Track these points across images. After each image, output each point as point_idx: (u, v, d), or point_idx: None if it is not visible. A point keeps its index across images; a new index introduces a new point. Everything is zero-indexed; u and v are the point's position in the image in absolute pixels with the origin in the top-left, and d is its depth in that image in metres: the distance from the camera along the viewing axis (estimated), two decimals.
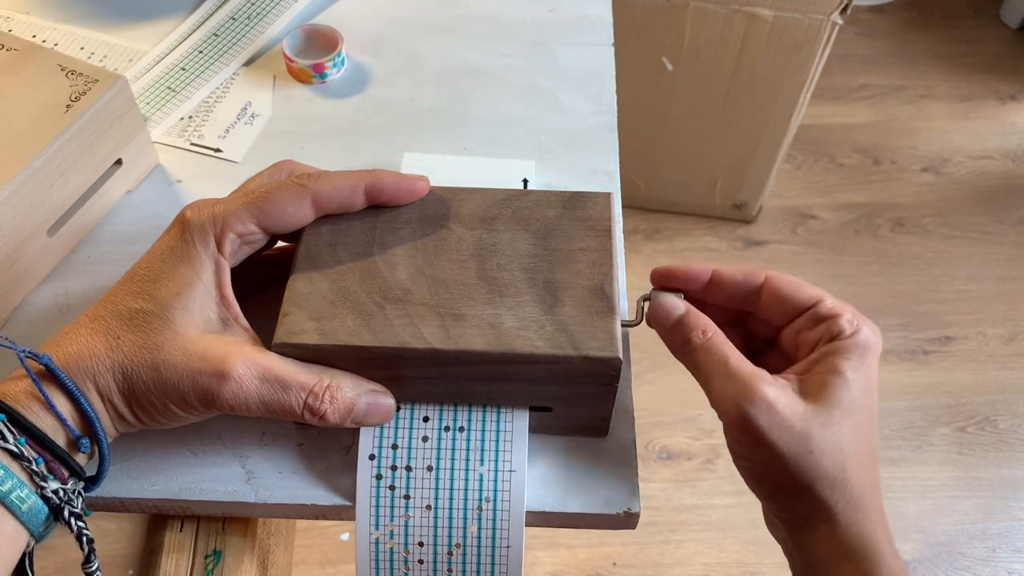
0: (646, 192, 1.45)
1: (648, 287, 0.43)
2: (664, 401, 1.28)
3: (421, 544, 0.40)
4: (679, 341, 0.40)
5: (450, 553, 0.40)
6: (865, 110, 1.66)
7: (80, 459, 0.36)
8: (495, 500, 0.40)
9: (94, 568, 0.36)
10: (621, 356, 0.37)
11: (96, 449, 0.37)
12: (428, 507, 0.40)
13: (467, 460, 0.40)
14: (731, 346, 0.39)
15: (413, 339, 0.38)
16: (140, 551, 0.46)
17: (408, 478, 0.40)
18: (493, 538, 0.40)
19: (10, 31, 0.60)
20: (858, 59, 1.74)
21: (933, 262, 1.45)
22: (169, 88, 0.58)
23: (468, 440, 0.40)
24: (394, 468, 0.40)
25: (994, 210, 1.52)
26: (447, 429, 0.41)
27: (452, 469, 0.40)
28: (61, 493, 0.35)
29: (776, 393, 0.37)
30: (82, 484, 0.36)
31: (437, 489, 0.40)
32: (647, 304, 0.42)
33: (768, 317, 0.42)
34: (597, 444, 0.43)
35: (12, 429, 0.34)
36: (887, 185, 1.55)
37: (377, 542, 0.40)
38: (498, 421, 0.41)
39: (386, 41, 0.62)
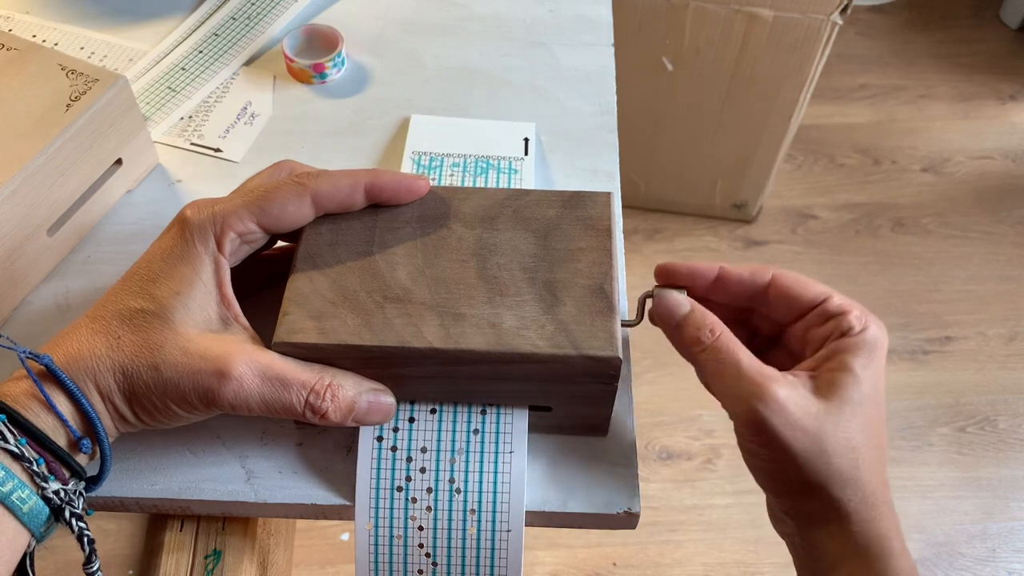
0: (646, 192, 1.45)
1: (650, 285, 0.43)
2: (664, 401, 1.28)
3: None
4: (687, 340, 0.40)
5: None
6: (865, 110, 1.66)
7: (81, 459, 0.36)
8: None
9: (95, 568, 0.36)
10: (621, 355, 0.37)
11: (97, 449, 0.37)
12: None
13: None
14: (740, 345, 0.39)
15: (413, 338, 0.38)
16: (140, 551, 0.46)
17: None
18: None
19: (10, 31, 0.60)
20: (858, 59, 1.74)
21: (933, 262, 1.45)
22: (169, 88, 0.58)
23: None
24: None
25: (994, 210, 1.52)
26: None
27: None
28: (62, 494, 0.35)
29: (788, 392, 0.37)
30: (83, 484, 0.36)
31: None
32: (650, 301, 0.42)
33: (774, 315, 0.42)
34: (597, 444, 0.43)
35: (13, 430, 0.34)
36: (887, 185, 1.55)
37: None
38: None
39: (386, 41, 0.62)
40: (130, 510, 0.42)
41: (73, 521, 0.35)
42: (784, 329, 0.43)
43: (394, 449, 0.40)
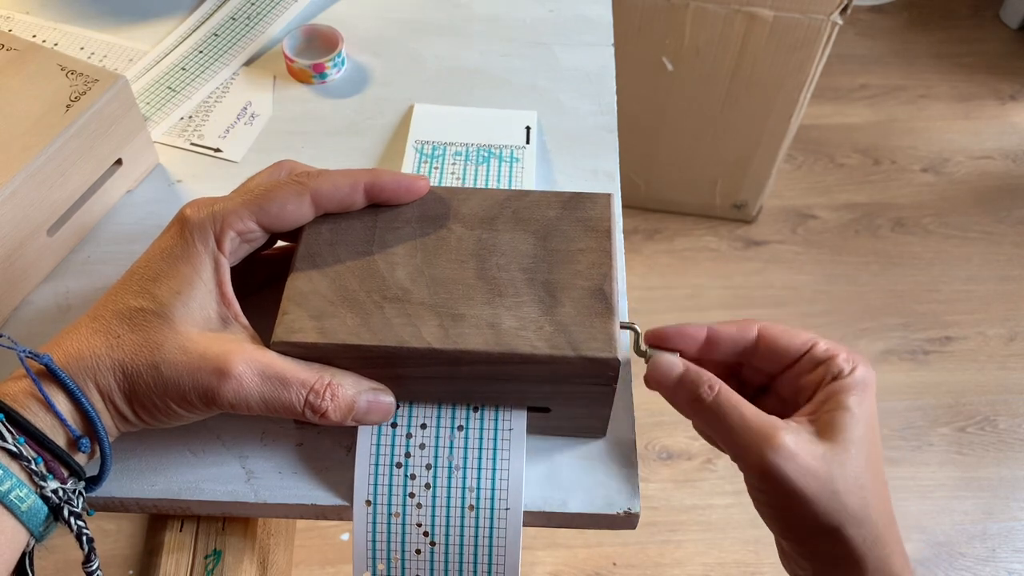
0: (646, 192, 1.45)
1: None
2: (664, 401, 1.28)
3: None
4: (686, 399, 0.40)
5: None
6: (865, 110, 1.66)
7: (80, 459, 0.36)
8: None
9: (94, 568, 0.36)
10: (619, 357, 0.37)
11: (97, 448, 0.37)
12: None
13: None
14: (740, 398, 0.39)
15: (412, 338, 0.38)
16: (140, 551, 0.46)
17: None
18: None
19: (10, 31, 0.60)
20: (858, 59, 1.74)
21: (933, 262, 1.45)
22: (169, 88, 0.58)
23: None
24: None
25: (994, 210, 1.52)
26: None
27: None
28: (60, 492, 0.35)
29: (795, 439, 0.38)
30: (82, 484, 0.36)
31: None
32: (645, 357, 0.42)
33: (763, 366, 0.43)
34: (597, 444, 0.43)
35: (11, 429, 0.34)
36: (887, 185, 1.55)
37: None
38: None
39: (386, 41, 0.62)
40: (130, 510, 0.42)
41: (72, 520, 0.35)
42: (773, 379, 0.43)
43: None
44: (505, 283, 0.40)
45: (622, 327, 0.40)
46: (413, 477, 0.40)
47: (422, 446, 0.40)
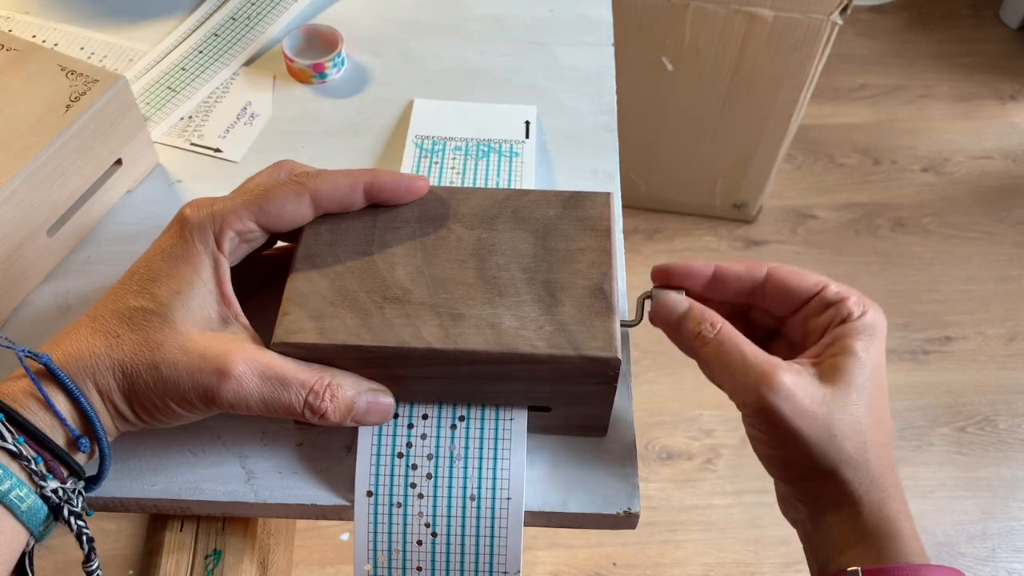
0: (646, 192, 1.45)
1: (649, 285, 0.43)
2: (664, 401, 1.28)
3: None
4: (688, 337, 0.40)
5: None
6: (865, 110, 1.66)
7: (80, 458, 0.36)
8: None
9: (94, 567, 0.36)
10: (620, 356, 0.37)
11: (96, 448, 0.37)
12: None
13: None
14: (742, 336, 0.39)
15: (412, 339, 0.38)
16: (140, 551, 0.46)
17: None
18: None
19: (10, 31, 0.60)
20: (858, 59, 1.74)
21: (933, 262, 1.45)
22: (169, 88, 0.58)
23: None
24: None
25: (994, 210, 1.52)
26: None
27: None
28: (60, 492, 0.35)
29: (795, 379, 0.37)
30: (82, 483, 0.36)
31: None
32: (648, 302, 0.42)
33: (772, 308, 0.42)
34: (597, 444, 0.43)
35: (11, 428, 0.34)
36: (887, 185, 1.55)
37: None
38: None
39: (386, 41, 0.62)
40: (130, 510, 0.42)
41: (72, 520, 0.35)
42: (782, 321, 0.43)
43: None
44: (505, 283, 0.40)
45: (623, 325, 0.40)
46: (415, 467, 0.40)
47: (424, 436, 0.40)
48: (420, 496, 0.40)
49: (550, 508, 0.41)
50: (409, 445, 0.40)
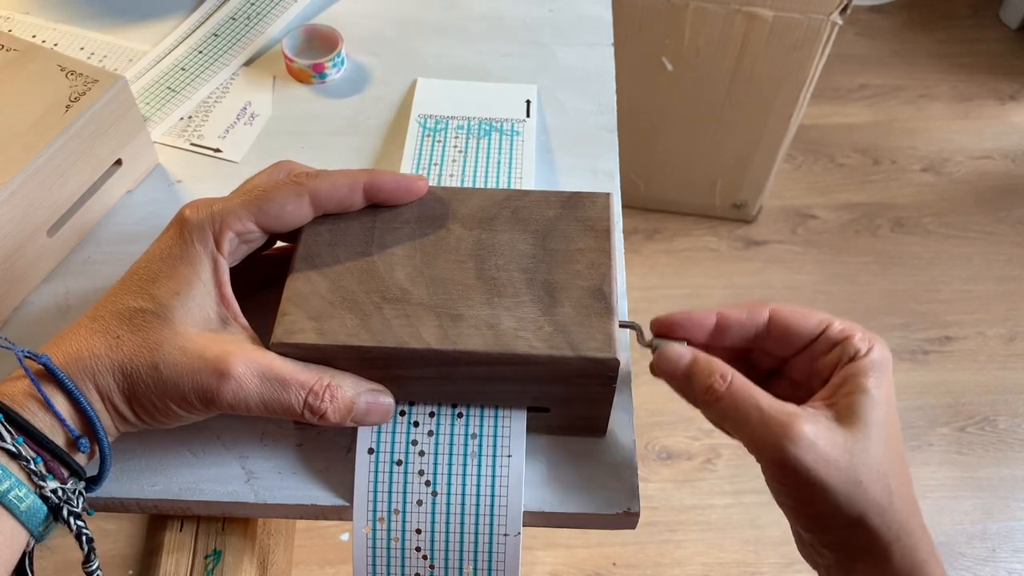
0: (646, 192, 1.45)
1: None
2: (664, 401, 1.27)
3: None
4: (698, 390, 0.39)
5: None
6: (865, 110, 1.66)
7: (80, 459, 0.36)
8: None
9: (94, 567, 0.36)
10: (619, 357, 0.37)
11: (96, 448, 0.37)
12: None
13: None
14: (754, 386, 0.38)
15: (411, 339, 0.38)
16: (140, 551, 0.46)
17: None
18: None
19: (10, 31, 0.60)
20: (858, 59, 1.74)
21: (933, 262, 1.45)
22: (169, 88, 0.58)
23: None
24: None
25: (994, 210, 1.52)
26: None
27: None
28: (60, 492, 0.35)
29: (815, 428, 0.36)
30: (82, 484, 0.36)
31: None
32: (652, 348, 0.41)
33: (775, 350, 0.42)
34: (597, 444, 0.43)
35: (10, 429, 0.34)
36: (887, 185, 1.55)
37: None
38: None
39: (386, 41, 0.62)
40: (130, 510, 0.42)
41: (71, 520, 0.35)
42: (784, 361, 0.42)
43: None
44: (504, 283, 0.40)
45: (621, 326, 0.40)
46: (416, 424, 0.40)
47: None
48: (421, 453, 0.40)
49: (550, 508, 0.41)
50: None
